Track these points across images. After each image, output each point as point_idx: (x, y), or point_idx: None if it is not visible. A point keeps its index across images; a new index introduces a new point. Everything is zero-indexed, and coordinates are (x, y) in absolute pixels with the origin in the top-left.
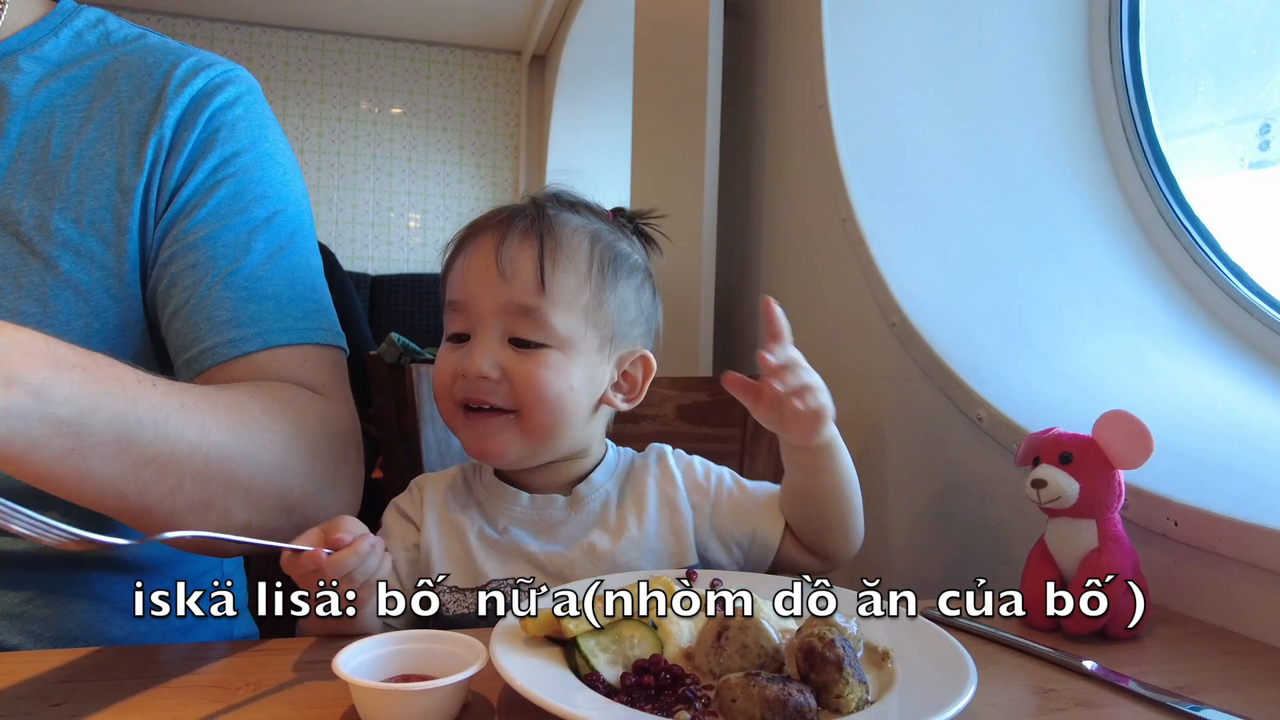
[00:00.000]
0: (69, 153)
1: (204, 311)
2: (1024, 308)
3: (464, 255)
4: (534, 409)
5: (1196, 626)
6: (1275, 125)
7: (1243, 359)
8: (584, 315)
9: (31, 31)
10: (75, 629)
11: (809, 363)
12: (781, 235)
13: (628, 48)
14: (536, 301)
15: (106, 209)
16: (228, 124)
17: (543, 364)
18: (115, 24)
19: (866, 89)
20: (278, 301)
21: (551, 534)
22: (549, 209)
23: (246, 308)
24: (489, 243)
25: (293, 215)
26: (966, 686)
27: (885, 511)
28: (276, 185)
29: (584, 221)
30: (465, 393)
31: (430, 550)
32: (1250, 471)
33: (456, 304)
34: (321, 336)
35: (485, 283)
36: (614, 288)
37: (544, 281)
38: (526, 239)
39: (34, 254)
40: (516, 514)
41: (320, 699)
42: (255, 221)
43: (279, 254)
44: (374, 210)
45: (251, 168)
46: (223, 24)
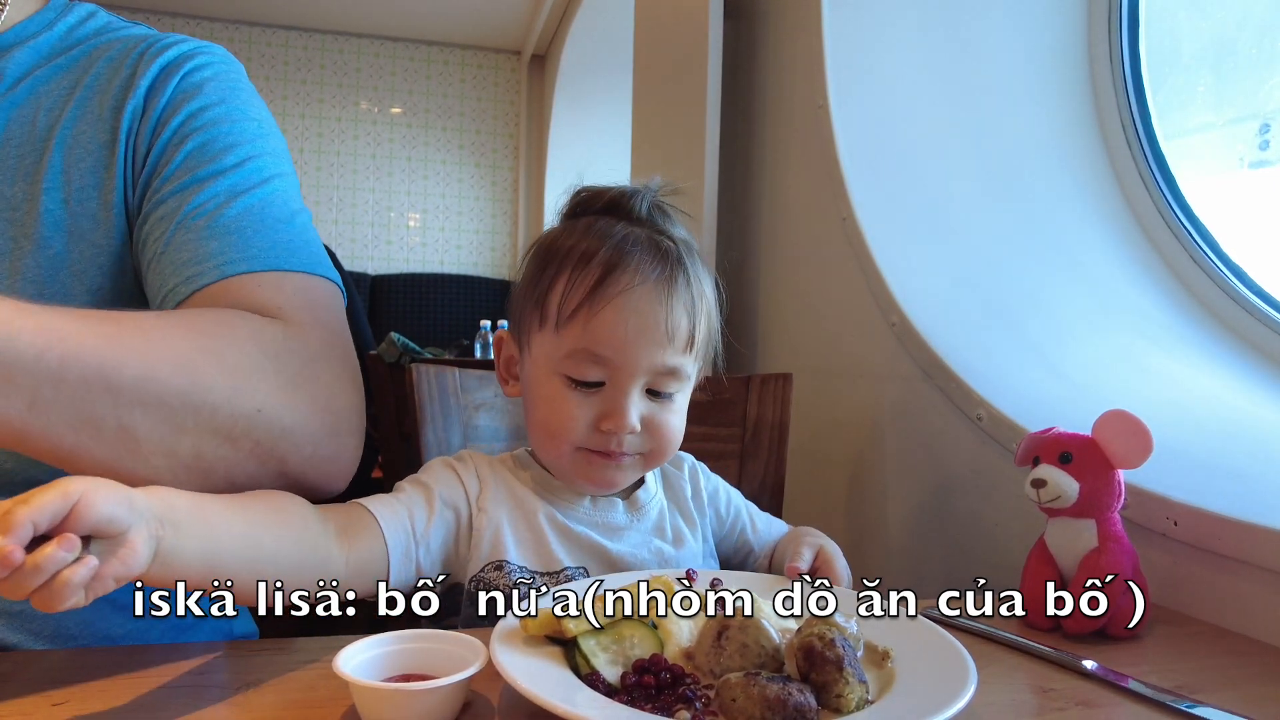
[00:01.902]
0: (52, 134)
1: (169, 257)
2: (1024, 308)
3: (615, 309)
4: (664, 452)
5: (1196, 626)
6: (1275, 125)
7: (1243, 359)
8: (702, 351)
9: (26, 25)
10: (74, 627)
11: (809, 363)
12: (781, 235)
13: (628, 47)
14: (685, 360)
15: (93, 186)
16: (195, 84)
17: (676, 412)
18: (105, 17)
19: (866, 89)
20: (242, 235)
21: (618, 536)
22: (675, 236)
23: (207, 245)
24: (651, 299)
25: (268, 164)
26: (966, 686)
27: (885, 511)
28: (248, 136)
29: (684, 236)
30: (605, 445)
31: (500, 526)
32: (1250, 471)
33: (604, 359)
34: (292, 264)
35: (646, 344)
36: (716, 309)
37: (694, 339)
38: (685, 296)
39: (26, 236)
40: (580, 513)
41: (320, 699)
42: (224, 167)
43: (246, 194)
44: (374, 210)
45: (221, 120)
46: (223, 24)
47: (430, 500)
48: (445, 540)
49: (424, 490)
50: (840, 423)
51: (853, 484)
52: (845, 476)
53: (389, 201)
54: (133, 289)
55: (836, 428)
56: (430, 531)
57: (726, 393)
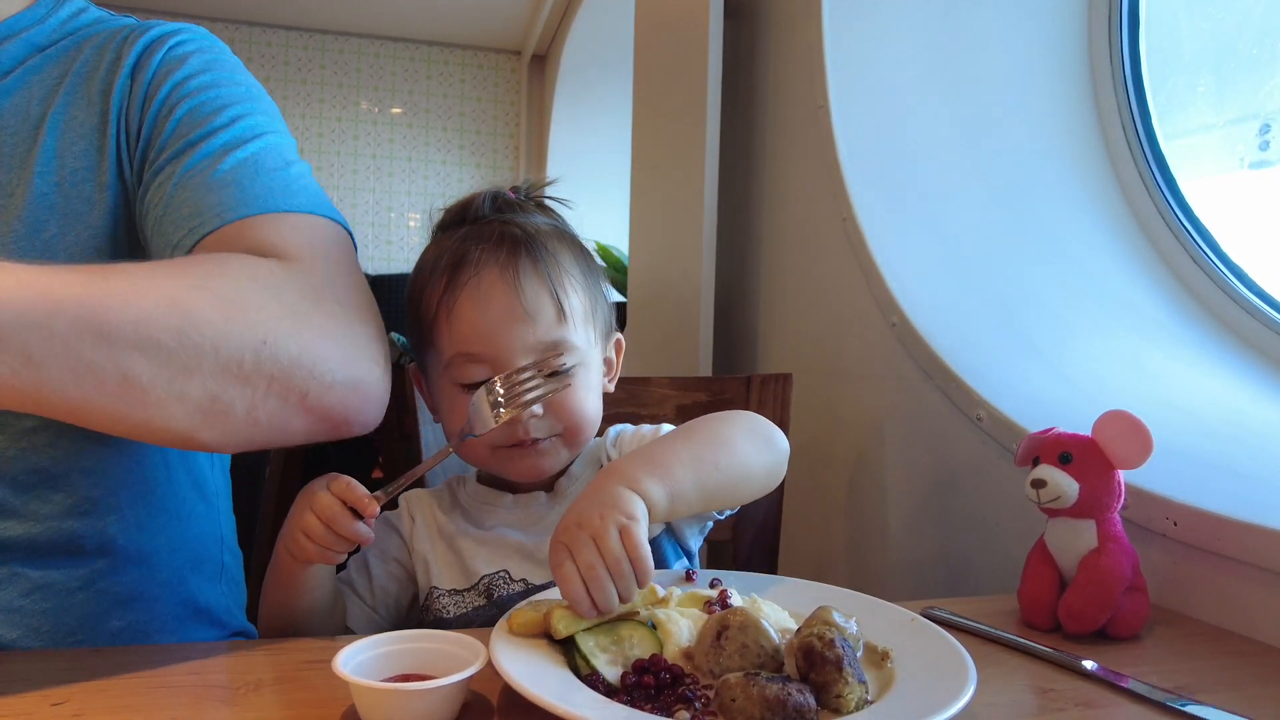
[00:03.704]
0: (44, 119)
1: (169, 218)
2: (1024, 308)
3: (468, 301)
4: (579, 429)
5: (1196, 626)
6: (1275, 125)
7: (1243, 359)
8: (588, 322)
9: (19, 19)
10: (73, 622)
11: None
12: (781, 235)
13: (628, 48)
14: (561, 332)
15: (86, 169)
16: (178, 57)
17: (579, 388)
18: (96, 12)
19: (866, 89)
20: (239, 186)
21: (537, 525)
22: (522, 222)
23: (205, 198)
24: (497, 283)
25: (260, 121)
26: (966, 686)
27: (885, 511)
28: (237, 98)
29: (546, 221)
30: (514, 436)
31: (426, 558)
32: (1250, 471)
33: (477, 354)
34: (283, 205)
35: (509, 327)
36: (596, 282)
37: (563, 310)
38: (535, 270)
39: (20, 221)
40: (502, 514)
41: (320, 699)
42: (215, 127)
43: (240, 147)
44: (374, 210)
45: (208, 86)
46: (223, 24)
47: (365, 568)
48: (400, 588)
49: (358, 562)
50: (840, 423)
51: (853, 484)
52: (845, 476)
53: (389, 201)
54: None
55: (836, 428)
56: (377, 590)
57: (726, 393)
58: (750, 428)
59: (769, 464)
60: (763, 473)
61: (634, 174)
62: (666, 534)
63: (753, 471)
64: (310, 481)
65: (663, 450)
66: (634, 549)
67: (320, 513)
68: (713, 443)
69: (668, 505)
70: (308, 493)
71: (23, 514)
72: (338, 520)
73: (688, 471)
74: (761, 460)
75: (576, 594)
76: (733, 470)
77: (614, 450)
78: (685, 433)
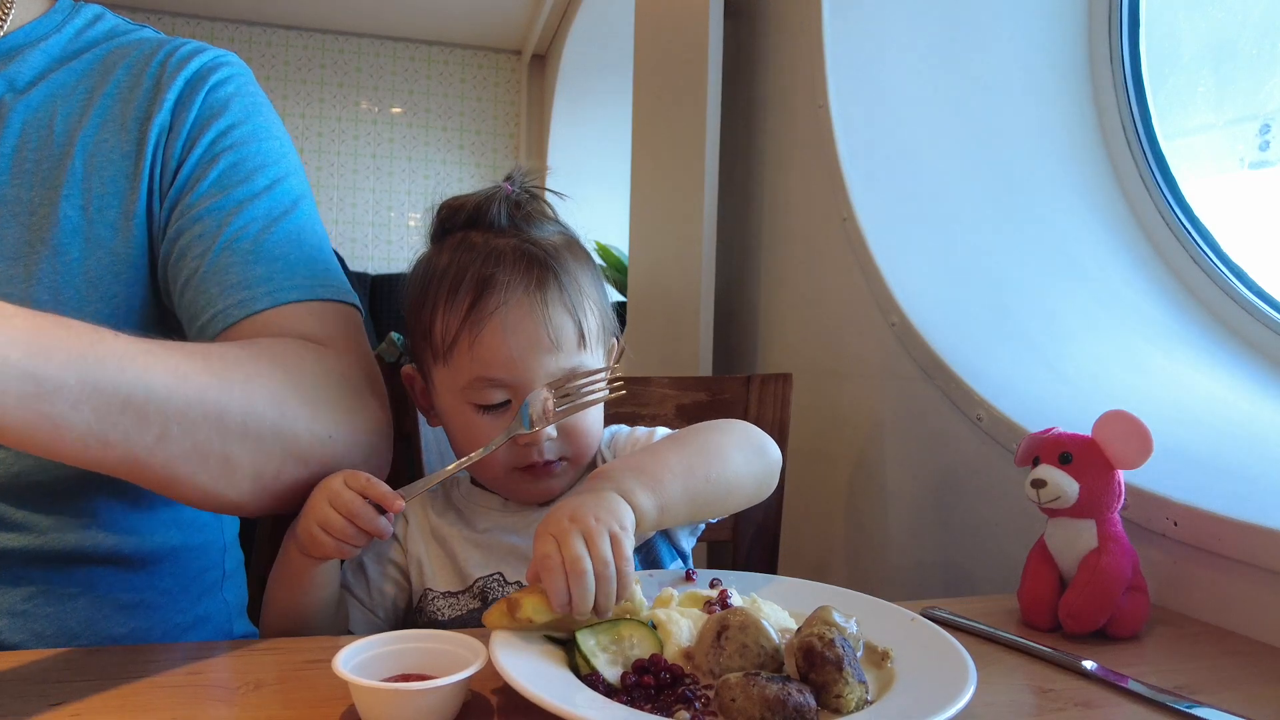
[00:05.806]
0: (72, 141)
1: (213, 278)
2: (1024, 308)
3: (496, 328)
4: (586, 452)
5: (1196, 626)
6: (1275, 125)
7: (1243, 359)
8: (599, 340)
9: (35, 27)
10: (76, 626)
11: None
12: (781, 235)
13: (628, 47)
14: (580, 357)
15: (114, 195)
16: (221, 100)
17: (590, 411)
18: (113, 19)
19: (866, 89)
20: (285, 262)
21: (531, 528)
22: (541, 241)
23: (254, 269)
24: (527, 315)
25: (294, 184)
26: (966, 686)
27: (884, 511)
28: (275, 155)
29: (556, 230)
30: (529, 459)
31: (420, 560)
32: (1250, 471)
33: (500, 380)
34: (328, 293)
35: (534, 356)
36: (603, 292)
37: (584, 334)
38: (562, 300)
39: (42, 242)
40: (495, 515)
41: (320, 699)
42: (257, 189)
43: (283, 218)
44: (374, 210)
45: (249, 139)
46: (223, 24)
47: (362, 571)
48: (397, 590)
49: (353, 566)
50: (840, 423)
51: (853, 484)
52: (845, 476)
53: (389, 201)
54: (148, 297)
55: (836, 428)
56: (374, 592)
57: (726, 393)
58: (743, 439)
59: (759, 475)
60: (753, 484)
61: (634, 173)
62: (661, 534)
63: (743, 483)
64: (325, 478)
65: (655, 460)
66: (621, 560)
67: (342, 507)
68: (705, 453)
69: (656, 517)
70: (325, 488)
71: (26, 526)
72: (361, 515)
73: (678, 483)
74: (752, 471)
75: (557, 584)
76: (723, 482)
77: (609, 452)
78: (679, 442)
